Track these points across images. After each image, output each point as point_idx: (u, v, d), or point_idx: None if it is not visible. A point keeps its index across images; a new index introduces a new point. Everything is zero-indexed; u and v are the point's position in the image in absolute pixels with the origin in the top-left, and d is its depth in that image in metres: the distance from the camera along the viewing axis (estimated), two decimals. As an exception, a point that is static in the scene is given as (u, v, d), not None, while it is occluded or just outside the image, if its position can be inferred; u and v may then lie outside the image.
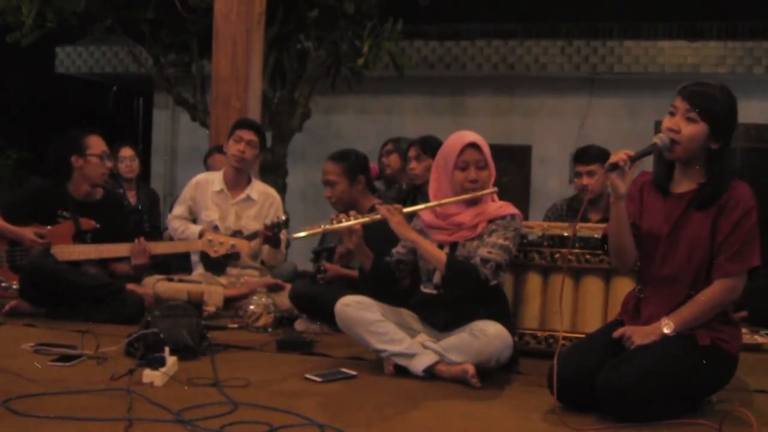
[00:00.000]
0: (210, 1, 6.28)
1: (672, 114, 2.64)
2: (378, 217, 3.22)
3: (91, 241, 4.32)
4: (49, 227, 4.28)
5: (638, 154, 2.62)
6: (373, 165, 4.82)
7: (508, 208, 3.21)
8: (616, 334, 2.67)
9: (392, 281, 3.35)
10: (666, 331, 2.60)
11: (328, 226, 3.26)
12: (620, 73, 9.92)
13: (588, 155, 4.55)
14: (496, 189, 3.23)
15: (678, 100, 2.63)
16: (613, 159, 2.60)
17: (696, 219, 2.65)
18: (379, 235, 3.35)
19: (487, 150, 3.22)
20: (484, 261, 3.07)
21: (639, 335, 2.62)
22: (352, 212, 3.32)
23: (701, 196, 2.64)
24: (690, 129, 2.60)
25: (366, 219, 3.25)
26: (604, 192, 4.48)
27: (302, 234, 3.24)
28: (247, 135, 4.62)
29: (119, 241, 4.30)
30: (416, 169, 4.54)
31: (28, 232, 4.19)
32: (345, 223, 3.22)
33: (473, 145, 3.19)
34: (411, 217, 3.33)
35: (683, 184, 2.71)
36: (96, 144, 4.39)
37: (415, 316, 3.24)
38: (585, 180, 4.51)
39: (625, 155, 2.59)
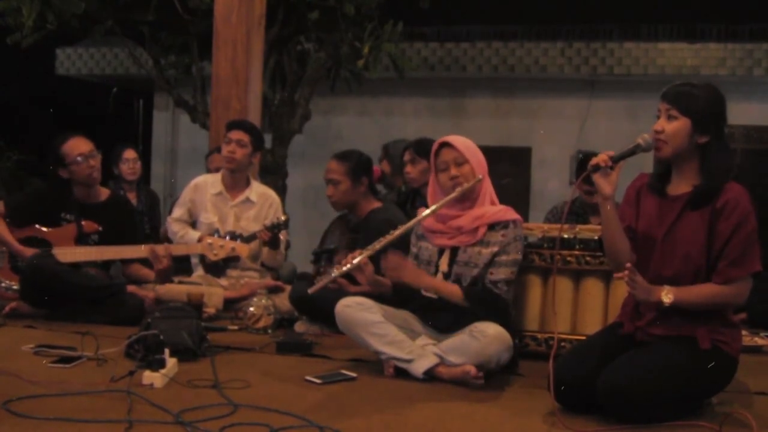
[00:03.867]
0: (210, 2, 6.28)
1: (658, 118, 2.69)
2: (378, 247, 3.19)
3: (96, 243, 4.31)
4: (50, 229, 4.28)
5: (620, 155, 2.66)
6: (376, 167, 4.83)
7: (508, 213, 3.21)
8: (628, 269, 2.59)
9: (416, 294, 3.32)
10: (664, 299, 2.58)
11: (336, 272, 3.20)
12: (620, 75, 9.91)
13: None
14: (480, 176, 3.21)
15: (660, 103, 2.69)
16: (594, 160, 2.65)
17: (691, 221, 2.65)
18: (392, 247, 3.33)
19: (463, 145, 3.22)
20: (508, 283, 3.13)
21: (641, 290, 2.59)
22: (357, 250, 3.27)
23: (695, 195, 2.65)
24: (672, 126, 2.64)
25: (371, 252, 3.20)
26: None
27: (316, 288, 3.21)
28: (236, 135, 4.62)
29: (125, 243, 4.29)
30: (412, 172, 4.55)
31: (29, 253, 4.12)
32: (354, 263, 3.17)
33: (446, 144, 3.22)
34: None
35: (679, 186, 2.72)
36: (70, 150, 4.22)
37: (416, 317, 3.25)
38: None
39: (607, 156, 2.63)
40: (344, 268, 3.20)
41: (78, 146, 4.25)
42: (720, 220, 2.60)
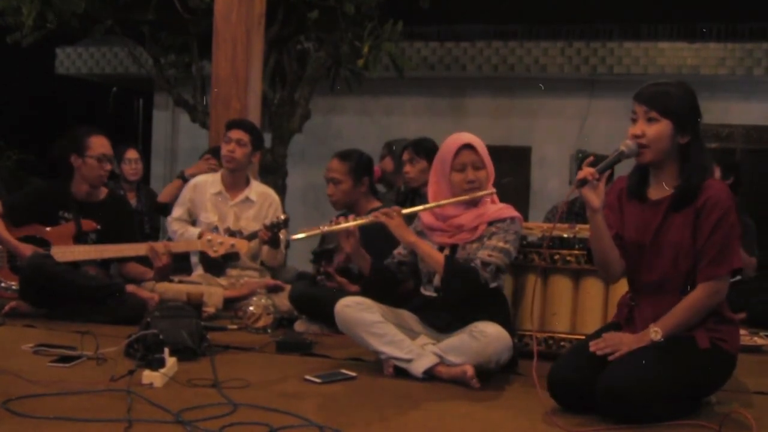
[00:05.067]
0: (210, 2, 6.28)
1: (634, 121, 2.65)
2: (371, 219, 3.22)
3: (95, 242, 4.31)
4: (49, 228, 4.28)
5: (605, 165, 2.60)
6: (376, 167, 4.84)
7: (508, 211, 3.21)
8: (594, 348, 2.62)
9: (394, 283, 3.35)
10: (654, 338, 2.58)
11: (326, 228, 3.27)
12: (620, 75, 9.91)
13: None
14: (494, 190, 3.23)
15: (636, 105, 2.64)
16: (580, 175, 2.58)
17: (676, 224, 2.63)
18: (380, 237, 3.35)
19: (483, 150, 3.22)
20: (485, 264, 3.07)
21: (627, 345, 2.60)
22: (351, 216, 3.32)
23: (677, 197, 2.63)
24: (653, 129, 2.60)
25: (364, 221, 3.25)
26: None
27: (300, 236, 3.25)
28: (236, 134, 4.62)
29: (123, 242, 4.29)
30: (410, 172, 4.55)
31: (27, 250, 4.14)
32: (343, 225, 3.23)
33: (468, 146, 3.20)
34: (411, 218, 3.33)
35: (660, 189, 2.69)
36: (97, 145, 4.30)
37: (416, 317, 3.25)
38: None
39: (591, 168, 2.58)
40: (333, 226, 3.23)
41: (104, 145, 4.34)
42: (702, 217, 2.58)
